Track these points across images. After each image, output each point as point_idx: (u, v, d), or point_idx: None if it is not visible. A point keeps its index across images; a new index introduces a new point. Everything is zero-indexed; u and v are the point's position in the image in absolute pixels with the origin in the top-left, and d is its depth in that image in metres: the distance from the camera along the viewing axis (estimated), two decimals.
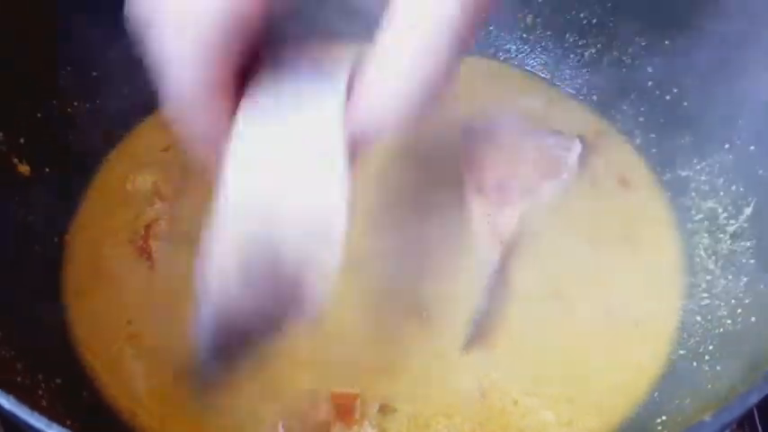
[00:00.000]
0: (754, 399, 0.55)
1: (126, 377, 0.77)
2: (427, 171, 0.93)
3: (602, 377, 0.79)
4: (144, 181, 0.92)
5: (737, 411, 0.55)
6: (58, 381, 0.73)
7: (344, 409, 0.73)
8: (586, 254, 0.87)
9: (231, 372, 0.63)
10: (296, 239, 0.54)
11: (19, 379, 0.68)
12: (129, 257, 0.86)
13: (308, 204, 0.53)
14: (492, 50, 1.11)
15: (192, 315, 0.58)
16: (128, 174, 0.93)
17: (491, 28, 1.10)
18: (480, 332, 0.79)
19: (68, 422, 0.63)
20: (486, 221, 0.88)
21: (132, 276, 0.84)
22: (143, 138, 0.98)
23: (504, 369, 0.78)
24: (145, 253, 0.86)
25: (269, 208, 0.53)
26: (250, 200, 0.53)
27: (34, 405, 0.57)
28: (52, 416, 0.56)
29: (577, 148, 0.92)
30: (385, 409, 0.74)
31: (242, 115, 0.54)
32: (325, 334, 0.78)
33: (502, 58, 1.10)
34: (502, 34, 1.10)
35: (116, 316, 0.81)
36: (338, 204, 0.52)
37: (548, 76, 1.07)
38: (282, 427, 0.73)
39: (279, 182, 0.53)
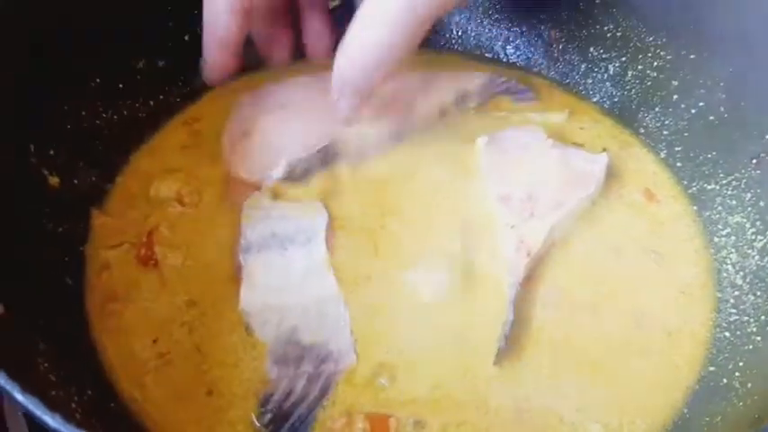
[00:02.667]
0: None
1: (154, 393, 0.77)
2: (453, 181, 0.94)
3: (643, 379, 0.79)
4: (169, 189, 0.92)
5: None
6: (90, 392, 0.74)
7: (379, 428, 0.73)
8: (614, 266, 0.88)
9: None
10: (302, 324, 0.79)
11: (54, 392, 0.68)
12: (140, 267, 0.86)
13: (309, 302, 0.81)
14: (516, 62, 1.11)
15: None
16: (152, 180, 0.93)
17: (515, 41, 1.11)
18: (510, 345, 0.79)
19: None
20: (512, 234, 0.88)
21: (147, 288, 0.84)
22: (164, 139, 0.99)
23: (540, 384, 0.78)
24: (151, 260, 0.86)
25: (279, 311, 0.80)
26: (267, 311, 0.80)
27: (72, 419, 0.57)
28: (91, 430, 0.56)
29: (604, 161, 0.92)
30: (418, 427, 0.74)
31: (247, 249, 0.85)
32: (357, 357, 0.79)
33: (525, 70, 1.10)
34: (526, 47, 1.11)
35: (141, 335, 0.81)
36: (332, 294, 0.82)
37: (572, 89, 1.08)
38: None
39: (285, 293, 0.82)
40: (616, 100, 1.05)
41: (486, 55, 1.13)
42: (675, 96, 0.99)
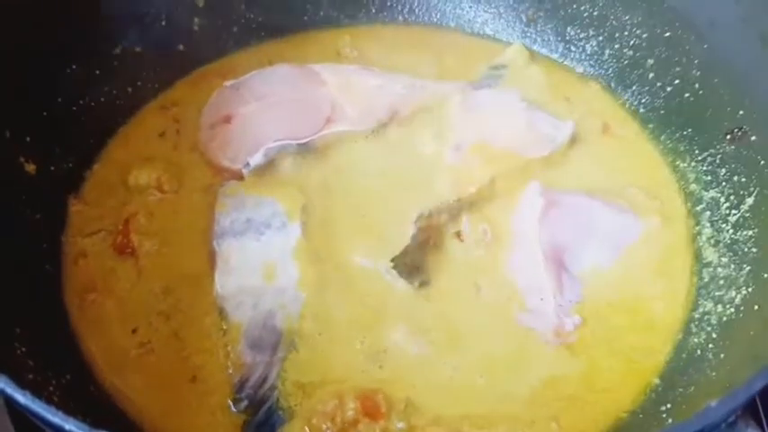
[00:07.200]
0: (759, 385, 0.56)
1: (136, 381, 0.78)
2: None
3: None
4: (148, 176, 0.92)
5: (743, 397, 0.55)
6: (68, 377, 0.74)
7: (370, 406, 0.73)
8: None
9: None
10: (278, 308, 0.81)
11: (31, 376, 0.68)
12: (117, 255, 0.86)
13: (285, 285, 0.82)
14: (494, 42, 1.11)
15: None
16: (131, 168, 0.93)
17: (494, 22, 1.11)
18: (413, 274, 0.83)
19: (80, 417, 0.64)
20: (450, 174, 0.90)
21: (124, 276, 0.85)
22: (141, 125, 0.99)
23: None
24: (128, 248, 0.86)
25: (254, 294, 0.81)
26: (241, 293, 0.81)
27: (48, 401, 0.57)
28: (67, 411, 0.57)
29: (569, 129, 0.94)
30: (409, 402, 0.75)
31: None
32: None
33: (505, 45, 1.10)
34: (504, 28, 1.11)
35: (120, 325, 0.81)
36: (296, 279, 0.83)
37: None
38: (309, 428, 0.74)
39: (258, 277, 0.82)
40: (593, 79, 1.05)
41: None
42: (651, 75, 1.00)
